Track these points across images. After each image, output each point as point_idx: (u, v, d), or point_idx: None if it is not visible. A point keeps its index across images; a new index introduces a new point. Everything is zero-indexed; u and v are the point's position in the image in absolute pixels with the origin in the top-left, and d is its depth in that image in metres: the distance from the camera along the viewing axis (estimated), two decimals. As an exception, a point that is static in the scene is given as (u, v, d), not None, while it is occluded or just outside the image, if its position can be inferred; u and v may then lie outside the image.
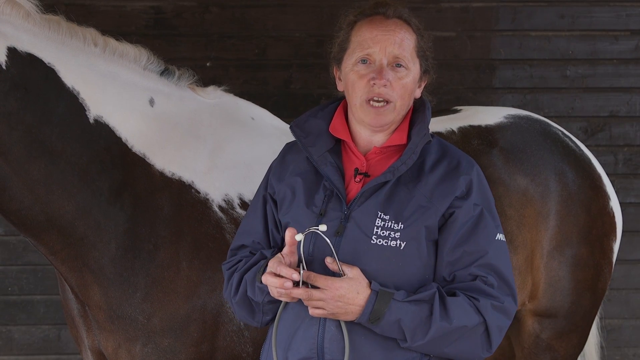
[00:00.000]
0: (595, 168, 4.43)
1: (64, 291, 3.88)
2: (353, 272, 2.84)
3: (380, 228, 2.90)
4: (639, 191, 6.17)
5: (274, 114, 4.20)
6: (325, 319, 2.91)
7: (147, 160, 3.67)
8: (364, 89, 2.95)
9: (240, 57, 6.08)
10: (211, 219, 3.68)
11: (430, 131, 3.10)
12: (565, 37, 6.14)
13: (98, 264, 3.57)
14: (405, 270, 2.89)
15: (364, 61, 2.97)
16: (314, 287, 2.85)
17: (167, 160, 3.70)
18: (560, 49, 6.13)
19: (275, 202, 3.13)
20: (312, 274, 2.83)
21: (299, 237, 2.82)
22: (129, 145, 3.64)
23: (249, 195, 3.78)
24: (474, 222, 2.92)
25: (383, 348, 2.90)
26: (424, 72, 3.05)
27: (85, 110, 3.54)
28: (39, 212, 3.46)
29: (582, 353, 4.62)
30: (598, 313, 4.51)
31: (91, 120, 3.55)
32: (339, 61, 3.07)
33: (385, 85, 2.93)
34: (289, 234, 2.86)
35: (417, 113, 3.09)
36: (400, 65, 2.96)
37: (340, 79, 3.09)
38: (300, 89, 6.11)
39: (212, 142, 3.81)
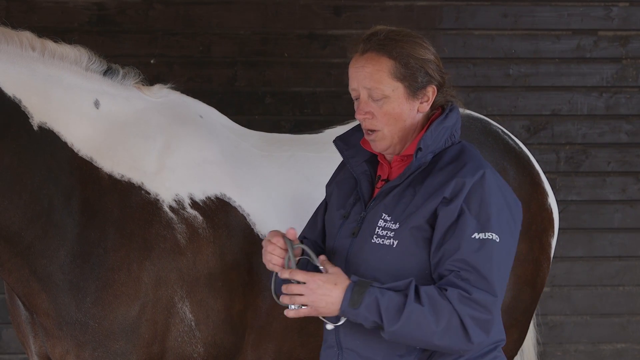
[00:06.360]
0: (534, 165, 4.48)
1: (12, 296, 3.82)
2: (333, 269, 3.04)
3: (381, 228, 3.09)
4: (580, 189, 6.23)
5: (219, 112, 4.18)
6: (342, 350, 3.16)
7: (95, 164, 3.62)
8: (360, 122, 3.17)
9: (185, 54, 6.04)
10: (162, 219, 3.65)
11: None
12: (508, 36, 6.18)
13: (46, 271, 3.52)
14: (400, 267, 3.04)
15: (355, 97, 3.16)
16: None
17: (115, 162, 3.66)
18: (503, 48, 6.18)
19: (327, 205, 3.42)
20: (294, 271, 3.04)
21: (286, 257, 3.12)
22: (75, 150, 3.59)
23: (199, 195, 3.77)
24: (454, 222, 3.01)
25: (384, 356, 3.08)
26: (420, 87, 3.12)
27: (28, 118, 3.47)
28: None
29: (520, 349, 4.67)
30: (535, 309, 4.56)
31: (35, 128, 3.49)
32: None
33: (366, 118, 3.12)
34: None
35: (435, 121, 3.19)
36: (376, 97, 3.10)
37: None
38: (244, 86, 6.09)
39: (162, 142, 3.78)
